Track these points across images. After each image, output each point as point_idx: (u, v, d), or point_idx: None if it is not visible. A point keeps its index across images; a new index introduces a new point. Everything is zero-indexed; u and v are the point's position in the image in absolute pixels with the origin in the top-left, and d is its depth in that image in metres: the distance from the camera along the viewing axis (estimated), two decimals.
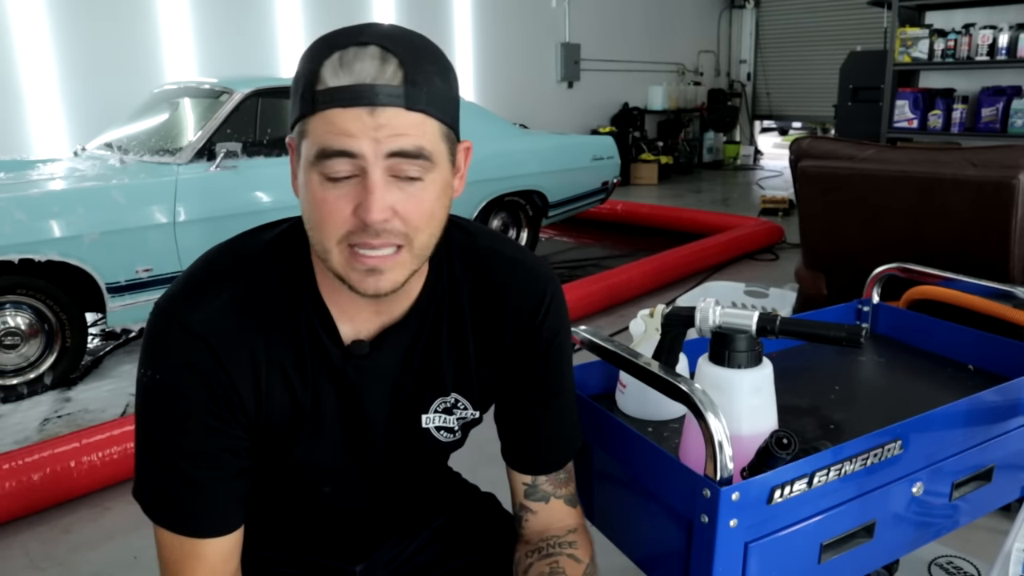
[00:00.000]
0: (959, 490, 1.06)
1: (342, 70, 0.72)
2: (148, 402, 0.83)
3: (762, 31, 11.25)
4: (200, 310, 0.81)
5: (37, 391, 3.12)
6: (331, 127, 0.72)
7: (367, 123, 0.72)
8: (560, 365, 0.97)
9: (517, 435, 0.99)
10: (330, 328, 0.86)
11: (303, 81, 0.75)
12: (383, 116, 0.72)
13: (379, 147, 0.73)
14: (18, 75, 5.19)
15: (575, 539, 0.98)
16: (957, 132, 4.75)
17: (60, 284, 3.07)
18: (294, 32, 6.65)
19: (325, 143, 0.73)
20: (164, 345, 0.81)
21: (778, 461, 0.83)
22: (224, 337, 0.81)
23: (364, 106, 0.72)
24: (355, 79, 0.72)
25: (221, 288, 0.82)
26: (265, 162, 3.66)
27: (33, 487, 2.20)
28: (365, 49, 0.73)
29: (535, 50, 8.65)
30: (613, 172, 5.44)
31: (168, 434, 0.82)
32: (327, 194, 0.75)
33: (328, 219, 0.75)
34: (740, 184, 9.42)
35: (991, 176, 2.05)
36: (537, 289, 0.94)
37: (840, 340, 0.98)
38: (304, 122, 0.75)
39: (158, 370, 0.81)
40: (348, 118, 0.72)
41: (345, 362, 0.87)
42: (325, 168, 0.74)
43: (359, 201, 0.74)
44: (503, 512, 1.13)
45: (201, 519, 0.84)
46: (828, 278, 2.57)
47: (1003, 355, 1.28)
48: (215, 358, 0.80)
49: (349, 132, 0.72)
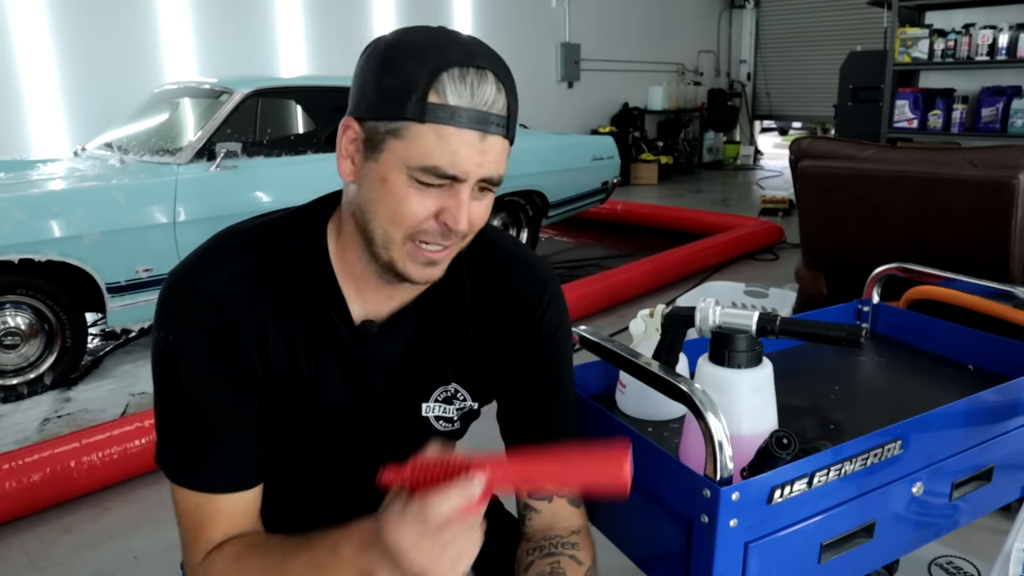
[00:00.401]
0: (959, 490, 1.06)
1: (466, 91, 0.75)
2: (163, 363, 0.86)
3: (762, 31, 11.25)
4: (210, 276, 0.85)
5: (37, 391, 3.12)
6: (442, 144, 0.76)
7: (476, 148, 0.77)
8: (560, 361, 0.99)
9: (519, 432, 0.99)
10: (341, 307, 0.89)
11: (410, 83, 0.75)
12: (489, 144, 0.77)
13: (479, 172, 0.78)
14: (18, 75, 5.19)
15: (578, 540, 0.98)
16: (957, 132, 4.75)
17: (60, 284, 3.07)
18: (294, 32, 6.65)
19: (434, 161, 0.76)
20: (174, 308, 0.85)
21: (778, 461, 0.83)
22: (232, 302, 0.84)
23: (478, 131, 0.76)
24: (476, 104, 0.76)
25: (232, 259, 0.86)
26: (265, 162, 3.66)
27: (33, 487, 2.20)
28: (486, 75, 0.76)
29: (535, 50, 8.65)
30: (613, 172, 5.44)
31: (183, 391, 0.85)
32: (413, 195, 0.78)
33: (408, 217, 0.79)
34: (740, 184, 9.42)
35: (991, 176, 2.05)
36: (537, 286, 0.96)
37: (840, 340, 0.98)
38: (406, 125, 0.76)
39: (170, 331, 0.84)
40: (462, 142, 0.76)
41: (354, 341, 0.90)
42: (422, 177, 0.77)
43: (444, 207, 0.79)
44: (505, 513, 1.13)
45: (221, 474, 0.85)
46: (828, 278, 2.57)
47: (1003, 355, 1.28)
48: (223, 319, 0.83)
49: (459, 155, 0.76)
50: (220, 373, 0.84)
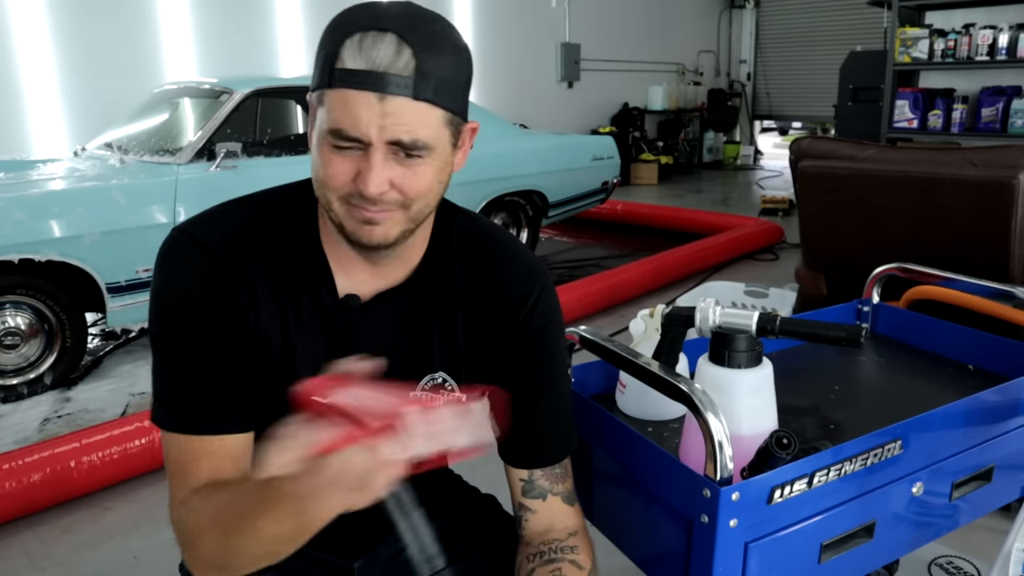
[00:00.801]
0: (959, 490, 1.06)
1: (360, 54, 0.77)
2: (158, 306, 0.88)
3: (762, 31, 11.25)
4: (209, 229, 0.89)
5: (37, 391, 3.12)
6: (344, 107, 0.78)
7: (375, 109, 0.77)
8: (551, 355, 0.98)
9: (511, 428, 0.99)
10: (326, 276, 0.91)
11: (324, 53, 0.79)
12: (390, 104, 0.77)
13: (383, 133, 0.78)
14: (18, 75, 5.19)
15: (577, 543, 0.97)
16: (957, 132, 4.75)
17: (60, 284, 3.07)
18: (294, 32, 6.65)
19: (336, 123, 0.78)
20: (172, 254, 0.88)
21: (778, 461, 0.83)
22: (229, 255, 0.87)
23: (374, 91, 0.77)
24: (370, 64, 0.76)
25: (232, 217, 0.91)
26: (265, 162, 3.66)
27: (33, 487, 2.20)
28: (383, 36, 0.77)
29: (535, 50, 8.65)
30: (613, 172, 5.44)
31: (176, 331, 0.87)
32: (333, 157, 0.81)
33: (332, 179, 0.82)
34: (740, 184, 9.42)
35: (991, 176, 2.05)
36: (527, 279, 0.97)
37: (840, 340, 0.98)
38: (322, 92, 0.80)
39: (166, 275, 0.88)
40: (359, 103, 0.77)
41: (337, 313, 0.91)
42: (334, 140, 0.80)
43: (359, 172, 0.80)
44: (504, 513, 1.13)
45: (206, 414, 0.86)
46: (828, 278, 2.57)
47: (1003, 355, 1.28)
48: (218, 268, 0.86)
49: (358, 117, 0.77)
50: (215, 315, 0.86)
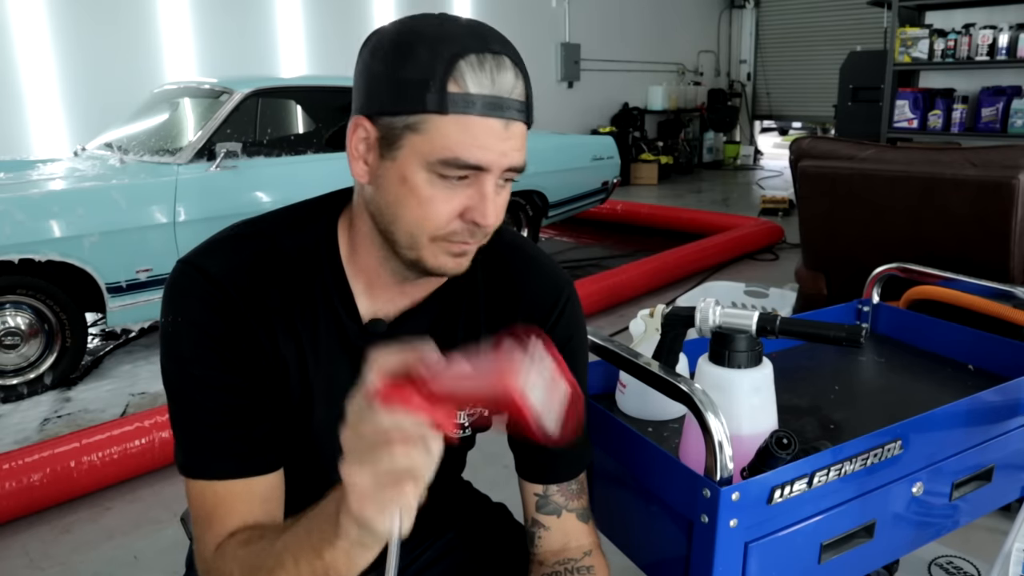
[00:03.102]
0: (959, 490, 1.06)
1: (486, 78, 0.72)
2: (171, 347, 0.83)
3: (762, 31, 11.25)
4: (220, 261, 0.83)
5: (37, 391, 3.13)
6: (466, 134, 0.72)
7: (500, 136, 0.73)
8: (574, 368, 0.95)
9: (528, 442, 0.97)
10: (348, 303, 0.86)
11: (427, 73, 0.72)
12: (513, 130, 0.74)
13: (504, 161, 0.75)
14: (18, 75, 5.19)
15: (592, 563, 0.95)
16: (957, 132, 4.75)
17: (60, 284, 3.07)
18: (294, 32, 6.65)
19: (459, 152, 0.73)
20: (183, 290, 0.82)
21: (778, 461, 0.83)
22: (242, 287, 0.82)
23: (502, 119, 0.73)
24: (497, 90, 0.73)
25: (242, 248, 0.84)
26: (265, 162, 3.66)
27: (33, 487, 2.20)
28: (502, 60, 0.73)
29: (535, 50, 8.64)
30: (613, 172, 5.44)
31: (193, 373, 0.82)
32: (437, 194, 0.75)
33: (434, 218, 0.76)
34: (740, 184, 9.42)
35: (991, 176, 2.05)
36: (552, 291, 0.93)
37: (840, 340, 0.98)
38: (425, 118, 0.73)
39: (179, 313, 0.82)
40: (486, 130, 0.73)
41: (361, 339, 0.86)
42: (444, 171, 0.74)
43: (469, 204, 0.76)
44: (515, 524, 1.10)
45: (232, 457, 0.82)
46: (828, 278, 2.57)
47: (1003, 355, 1.28)
48: (232, 303, 0.81)
49: (484, 145, 0.73)
50: (232, 354, 0.81)
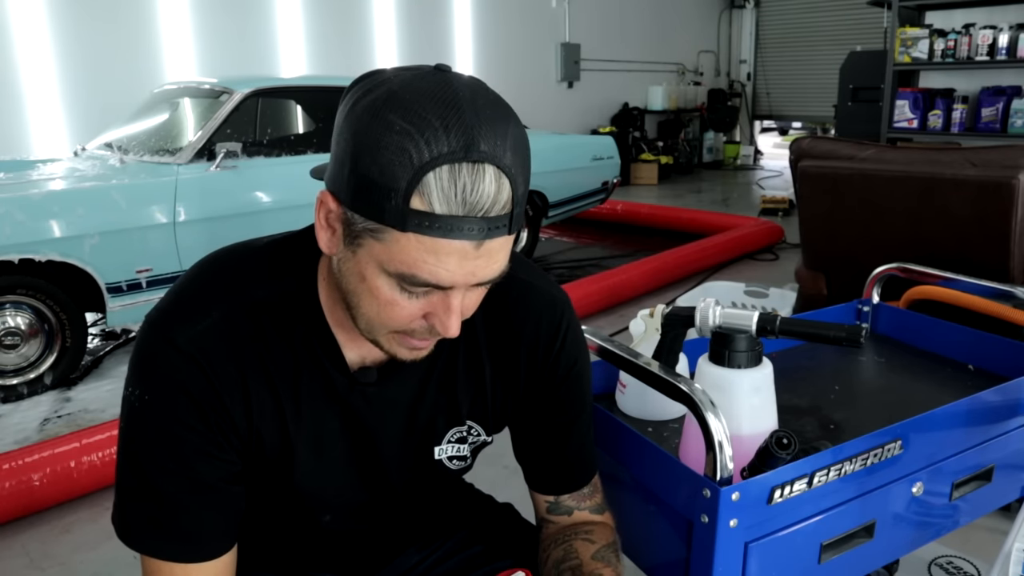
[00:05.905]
0: (959, 490, 1.06)
1: (455, 196, 0.63)
2: (135, 423, 0.78)
3: (762, 31, 11.25)
4: (189, 328, 0.76)
5: (37, 391, 3.12)
6: (429, 255, 0.65)
7: (469, 256, 0.66)
8: (580, 390, 0.95)
9: (538, 460, 0.97)
10: (334, 354, 0.82)
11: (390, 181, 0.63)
12: (486, 248, 0.66)
13: (471, 279, 0.68)
14: (18, 75, 5.19)
15: (593, 528, 0.96)
16: (957, 132, 4.75)
17: (60, 284, 3.07)
18: (294, 32, 6.65)
19: (418, 272, 0.66)
20: (152, 364, 0.77)
21: (778, 461, 0.83)
22: (213, 357, 0.76)
23: (471, 240, 0.65)
24: (469, 209, 0.64)
25: (212, 306, 0.78)
26: (265, 162, 3.66)
27: (33, 487, 2.20)
28: (482, 170, 0.64)
29: (535, 50, 8.64)
30: (613, 172, 5.44)
31: (157, 457, 0.77)
32: (397, 298, 0.70)
33: (393, 319, 0.72)
34: (740, 184, 9.42)
35: (991, 176, 2.05)
36: (553, 317, 0.91)
37: (840, 340, 0.98)
38: (385, 230, 0.65)
39: (147, 390, 0.77)
40: (451, 253, 0.65)
41: (350, 390, 0.83)
42: (404, 284, 0.69)
43: (432, 311, 0.71)
44: (524, 523, 1.10)
45: (192, 541, 0.79)
46: (828, 278, 2.57)
47: (1003, 355, 1.28)
48: (204, 377, 0.76)
49: (448, 268, 0.66)
50: (199, 438, 0.77)
